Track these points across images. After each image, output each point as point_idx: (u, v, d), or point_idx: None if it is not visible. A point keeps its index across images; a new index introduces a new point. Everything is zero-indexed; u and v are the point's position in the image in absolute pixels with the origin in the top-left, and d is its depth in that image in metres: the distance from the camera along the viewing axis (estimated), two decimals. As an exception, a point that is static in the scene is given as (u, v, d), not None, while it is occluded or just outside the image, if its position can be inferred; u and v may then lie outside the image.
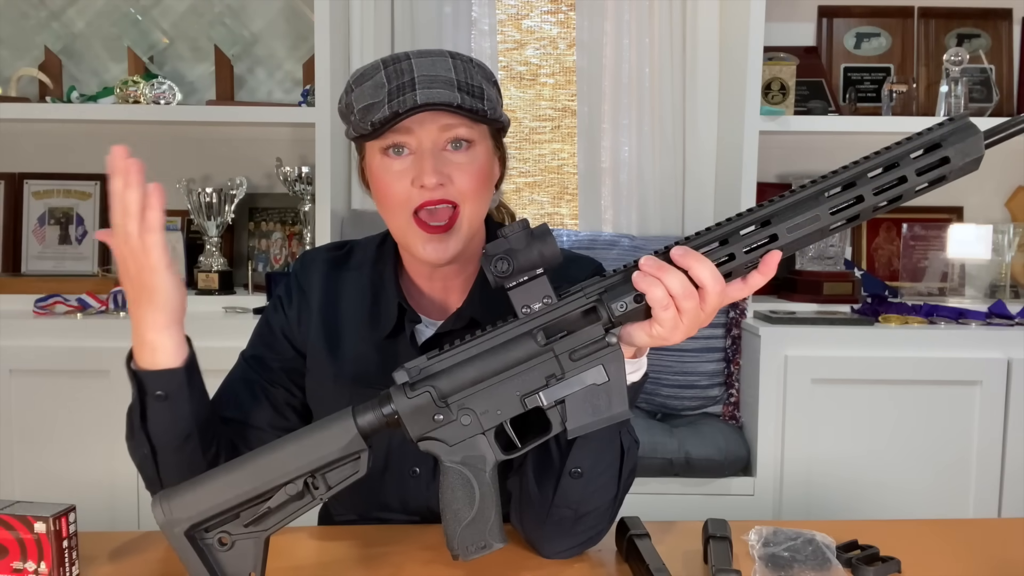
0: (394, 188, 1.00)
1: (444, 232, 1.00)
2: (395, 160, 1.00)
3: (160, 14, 2.65)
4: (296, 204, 2.58)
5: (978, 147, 0.82)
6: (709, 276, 0.81)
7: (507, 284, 0.84)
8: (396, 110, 0.95)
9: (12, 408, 2.15)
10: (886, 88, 2.52)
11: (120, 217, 0.90)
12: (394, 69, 0.98)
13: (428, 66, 0.98)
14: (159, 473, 0.97)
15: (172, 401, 0.94)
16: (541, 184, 2.83)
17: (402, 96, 0.96)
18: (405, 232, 1.02)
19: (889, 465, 2.15)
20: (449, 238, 1.00)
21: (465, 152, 1.00)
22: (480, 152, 1.02)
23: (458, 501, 0.85)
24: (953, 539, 1.05)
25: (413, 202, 0.99)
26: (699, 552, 0.98)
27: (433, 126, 0.98)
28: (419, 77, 0.97)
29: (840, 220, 0.83)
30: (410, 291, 1.12)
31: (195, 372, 0.97)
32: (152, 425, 0.95)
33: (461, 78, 0.98)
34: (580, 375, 0.84)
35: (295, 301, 1.14)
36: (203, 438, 0.98)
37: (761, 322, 2.23)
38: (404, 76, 0.97)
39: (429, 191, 0.98)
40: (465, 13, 2.61)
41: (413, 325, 1.08)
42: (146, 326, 0.93)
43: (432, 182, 0.97)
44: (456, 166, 1.00)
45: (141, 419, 0.95)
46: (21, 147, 2.65)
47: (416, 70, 0.97)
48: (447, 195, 0.99)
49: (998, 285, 2.50)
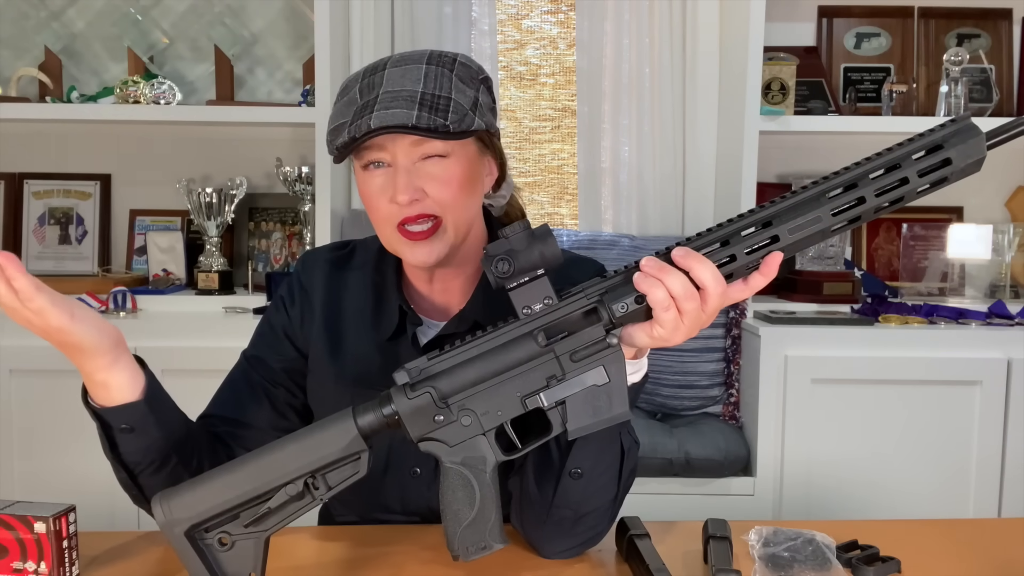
0: (376, 204, 1.00)
1: (426, 239, 0.99)
2: (374, 175, 0.99)
3: (160, 14, 2.65)
4: (296, 204, 2.58)
5: (980, 148, 0.82)
6: (710, 277, 0.81)
7: (508, 285, 0.84)
8: (353, 135, 0.94)
9: (12, 408, 2.15)
10: (886, 88, 2.52)
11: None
12: (367, 83, 0.97)
13: (397, 78, 0.96)
14: (143, 493, 0.96)
15: (139, 432, 0.93)
16: (541, 184, 2.83)
17: (359, 120, 0.94)
18: (391, 242, 1.02)
19: (889, 465, 2.15)
20: (433, 243, 1.00)
21: (440, 162, 0.98)
22: (457, 162, 0.99)
23: (458, 502, 0.85)
24: (953, 539, 1.05)
25: (395, 218, 0.99)
26: (699, 552, 0.98)
27: (404, 142, 0.97)
28: (382, 95, 0.95)
29: (842, 221, 0.83)
30: (411, 293, 1.11)
31: (157, 398, 0.95)
32: (125, 454, 0.94)
33: (428, 89, 0.95)
34: (581, 376, 0.84)
35: (297, 301, 1.14)
36: (182, 453, 0.97)
37: (761, 322, 2.23)
38: (372, 92, 0.96)
39: (406, 208, 0.97)
40: (465, 13, 2.61)
41: (415, 327, 1.08)
42: (90, 371, 0.91)
43: (404, 199, 0.96)
44: (430, 177, 0.98)
45: (111, 449, 0.94)
46: (21, 147, 2.65)
47: (384, 84, 0.96)
48: (425, 209, 0.98)
49: (998, 285, 2.50)
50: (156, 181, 2.65)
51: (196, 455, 0.99)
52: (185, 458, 0.97)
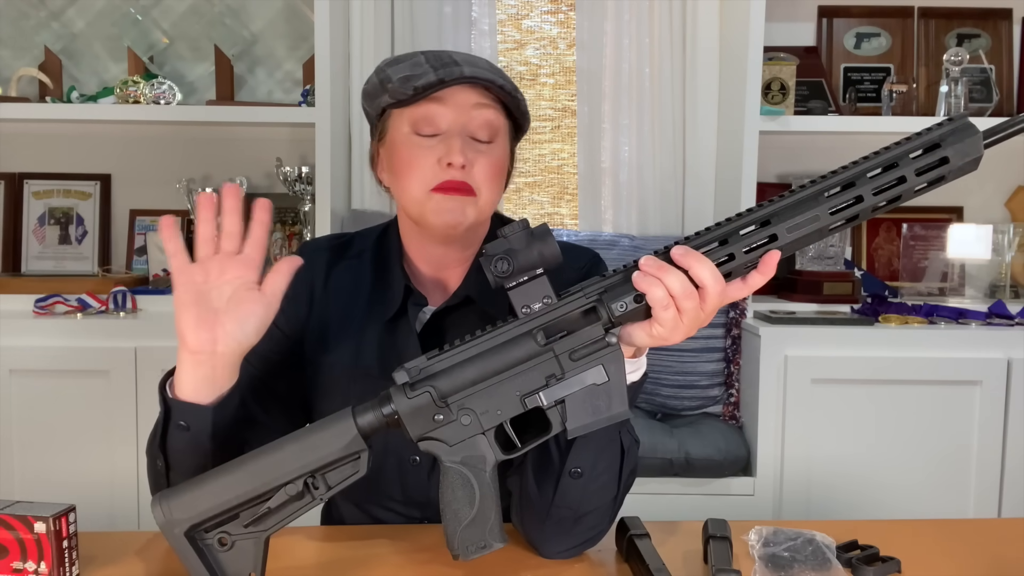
0: (419, 162, 1.01)
1: (464, 195, 1.01)
2: (423, 139, 1.02)
3: (160, 14, 2.65)
4: (296, 204, 2.58)
5: (977, 147, 0.82)
6: (709, 276, 0.81)
7: (507, 284, 0.84)
8: (442, 77, 0.98)
9: (12, 408, 2.15)
10: (886, 88, 2.53)
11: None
12: (434, 55, 1.02)
13: (469, 56, 1.04)
14: (169, 484, 0.95)
15: (194, 434, 0.91)
16: (541, 184, 2.83)
17: (447, 67, 0.99)
18: (422, 203, 1.03)
19: (889, 465, 2.15)
20: (467, 206, 1.02)
21: (486, 144, 1.03)
22: (500, 146, 1.05)
23: (458, 501, 0.85)
24: (953, 539, 1.05)
25: (434, 179, 1.01)
26: (699, 552, 0.98)
27: (467, 103, 1.01)
28: (461, 57, 1.02)
29: (839, 220, 0.83)
30: (413, 277, 1.12)
31: (225, 412, 0.92)
32: (171, 449, 0.93)
33: (499, 75, 1.04)
34: (580, 375, 0.84)
35: (295, 291, 1.13)
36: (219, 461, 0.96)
37: (761, 322, 2.23)
38: (446, 58, 1.01)
39: (454, 170, 1.00)
40: (465, 13, 2.61)
41: (418, 308, 1.09)
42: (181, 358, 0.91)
43: (459, 161, 0.99)
44: (478, 152, 1.02)
45: (162, 438, 0.93)
46: (21, 147, 2.65)
47: (456, 56, 1.02)
48: (467, 177, 1.01)
49: (998, 285, 2.50)
50: (156, 181, 2.65)
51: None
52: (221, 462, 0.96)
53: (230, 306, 0.89)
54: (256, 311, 0.89)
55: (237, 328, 0.89)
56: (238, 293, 0.89)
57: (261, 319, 0.90)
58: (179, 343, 0.90)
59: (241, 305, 0.89)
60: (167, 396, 0.92)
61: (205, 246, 0.89)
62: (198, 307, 0.88)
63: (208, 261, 0.89)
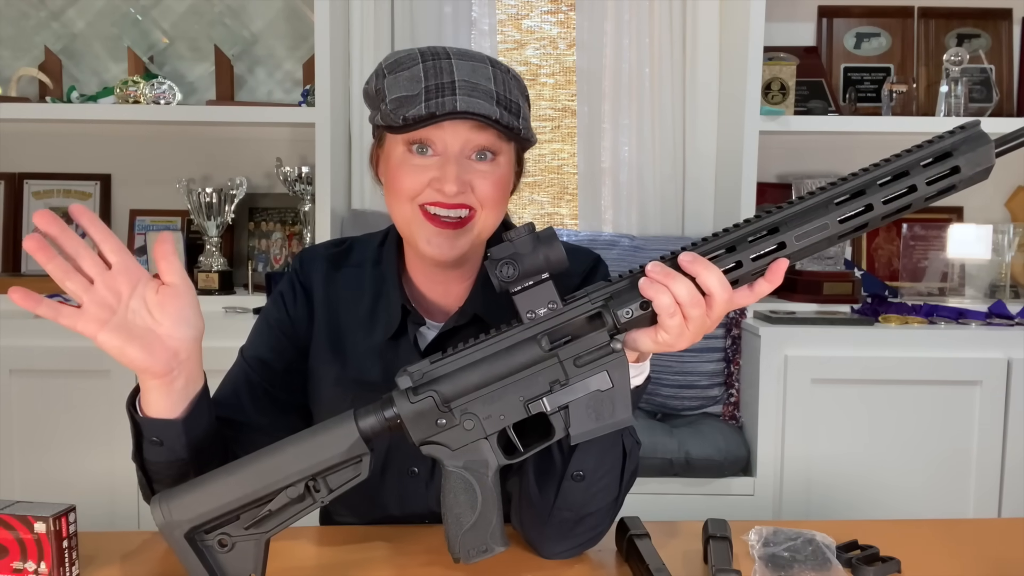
0: (409, 181, 0.99)
1: (455, 229, 0.99)
2: (418, 157, 0.99)
3: (160, 14, 2.65)
4: (296, 204, 2.58)
5: (989, 157, 0.81)
6: (717, 284, 0.80)
7: (512, 289, 0.83)
8: (433, 111, 0.94)
9: (12, 408, 2.15)
10: (886, 88, 2.52)
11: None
12: (433, 66, 0.96)
13: (469, 71, 0.97)
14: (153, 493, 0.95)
15: (168, 447, 0.90)
16: (541, 184, 2.83)
17: (441, 98, 0.94)
18: (410, 222, 1.01)
19: (889, 465, 2.15)
20: (459, 237, 1.00)
21: (489, 162, 1.00)
22: (502, 163, 1.01)
23: (460, 505, 0.85)
24: (953, 539, 1.05)
25: (423, 198, 0.99)
26: (699, 552, 0.98)
27: (464, 130, 0.97)
28: (460, 82, 0.95)
29: (849, 228, 0.82)
30: (412, 293, 1.11)
31: (196, 421, 0.91)
32: (148, 461, 0.92)
33: (500, 91, 0.97)
34: (584, 381, 0.83)
35: (298, 299, 1.13)
36: (201, 468, 0.94)
37: (761, 322, 2.23)
38: (443, 76, 0.96)
39: (447, 197, 0.97)
40: (465, 13, 2.61)
41: (416, 328, 1.08)
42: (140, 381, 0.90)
43: (452, 191, 0.96)
44: (478, 173, 0.99)
45: (137, 452, 0.92)
46: (21, 147, 2.65)
47: (457, 72, 0.96)
48: (466, 201, 0.99)
49: (998, 285, 2.50)
50: (156, 181, 2.65)
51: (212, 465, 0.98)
52: (202, 469, 0.96)
53: (157, 315, 0.85)
54: (180, 302, 0.86)
55: (181, 326, 0.86)
56: (150, 299, 0.85)
57: (191, 304, 0.87)
58: (140, 377, 0.88)
59: (164, 307, 0.85)
60: (136, 416, 0.91)
61: (77, 284, 0.85)
62: (132, 336, 0.84)
63: (96, 293, 0.84)
